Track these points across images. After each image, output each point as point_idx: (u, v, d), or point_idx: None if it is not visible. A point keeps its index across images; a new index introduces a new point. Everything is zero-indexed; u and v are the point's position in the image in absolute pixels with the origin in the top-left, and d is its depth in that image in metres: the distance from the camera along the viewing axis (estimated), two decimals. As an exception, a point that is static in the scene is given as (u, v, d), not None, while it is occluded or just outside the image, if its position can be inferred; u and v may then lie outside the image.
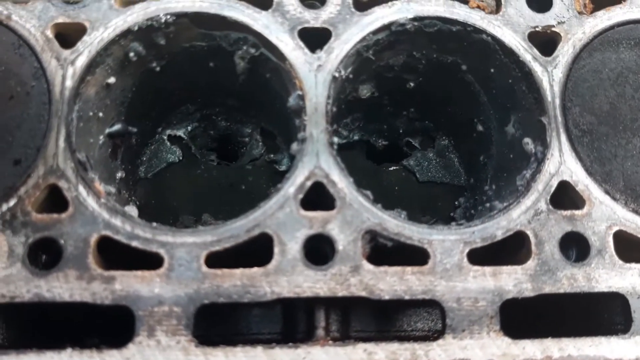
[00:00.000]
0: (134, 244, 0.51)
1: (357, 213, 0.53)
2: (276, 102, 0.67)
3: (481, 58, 0.63)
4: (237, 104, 0.76)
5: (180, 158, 0.77)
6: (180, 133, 0.77)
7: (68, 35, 0.57)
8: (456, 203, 0.77)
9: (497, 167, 0.69)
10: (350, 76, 0.62)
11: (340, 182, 0.55)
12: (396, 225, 0.53)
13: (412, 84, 0.71)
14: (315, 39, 0.59)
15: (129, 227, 0.52)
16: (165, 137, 0.77)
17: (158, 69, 0.63)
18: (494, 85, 0.65)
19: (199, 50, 0.63)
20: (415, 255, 0.53)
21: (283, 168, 0.77)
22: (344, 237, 0.53)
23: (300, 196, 0.54)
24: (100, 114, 0.60)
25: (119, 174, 0.67)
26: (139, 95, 0.65)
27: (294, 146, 0.61)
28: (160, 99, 0.70)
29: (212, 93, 0.73)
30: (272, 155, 0.78)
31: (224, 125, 0.79)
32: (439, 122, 0.78)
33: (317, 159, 0.55)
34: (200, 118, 0.78)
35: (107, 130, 0.62)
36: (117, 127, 0.64)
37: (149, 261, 0.51)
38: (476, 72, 0.65)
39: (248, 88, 0.69)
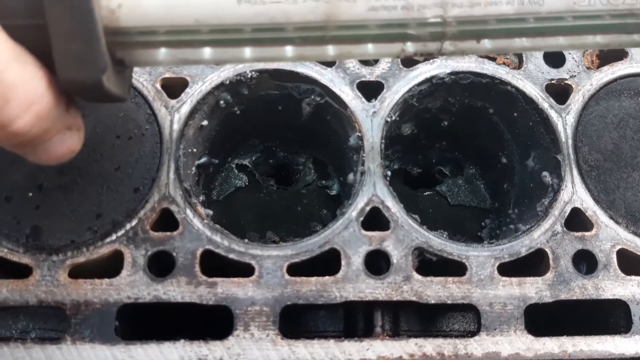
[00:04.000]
0: (231, 256, 0.64)
1: (407, 233, 0.66)
2: (332, 138, 0.80)
3: (506, 104, 0.75)
4: (295, 138, 0.89)
5: (246, 183, 0.90)
6: (246, 162, 0.91)
7: (173, 88, 0.70)
8: (482, 224, 0.89)
9: (519, 194, 0.81)
10: (397, 119, 0.75)
11: (393, 207, 0.67)
12: (439, 243, 0.66)
13: (446, 123, 0.83)
14: (370, 90, 0.72)
15: (227, 243, 0.64)
16: (233, 166, 0.90)
17: (238, 112, 0.76)
18: (516, 126, 0.77)
19: (272, 96, 0.76)
20: (455, 268, 0.65)
21: (334, 193, 0.90)
22: (397, 253, 0.65)
23: (361, 219, 0.66)
24: (195, 150, 0.73)
25: (200, 198, 0.80)
26: (220, 133, 0.78)
27: (350, 176, 0.74)
28: (234, 135, 0.84)
29: (275, 129, 0.87)
30: (323, 182, 0.91)
31: (282, 155, 0.93)
32: (468, 154, 0.91)
33: (374, 189, 0.68)
34: (262, 149, 0.91)
35: (197, 162, 0.75)
36: (204, 159, 0.77)
37: (243, 270, 0.64)
38: (501, 115, 0.78)
39: (307, 126, 0.82)
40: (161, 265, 0.64)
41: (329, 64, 0.72)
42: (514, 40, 0.52)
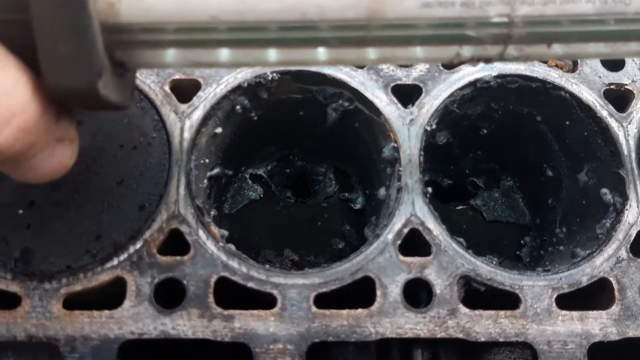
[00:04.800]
0: (250, 284, 0.56)
1: (452, 259, 0.58)
2: (359, 148, 0.72)
3: (557, 111, 0.67)
4: (315, 145, 0.81)
5: (261, 195, 0.82)
6: (261, 172, 0.83)
7: (184, 90, 0.62)
8: (522, 242, 0.81)
9: (567, 211, 0.72)
10: (435, 127, 0.67)
11: (435, 229, 0.59)
12: (489, 271, 0.57)
13: (485, 131, 0.75)
14: (407, 94, 0.64)
15: (245, 269, 0.56)
16: (247, 176, 0.82)
17: (255, 118, 0.68)
18: (567, 135, 0.69)
19: (293, 101, 0.68)
20: (507, 300, 0.57)
21: (358, 207, 0.82)
22: (440, 282, 0.57)
23: (399, 242, 0.58)
24: (207, 160, 0.64)
25: (212, 212, 0.71)
26: (234, 140, 0.70)
27: (382, 191, 0.66)
28: (250, 143, 0.75)
29: (294, 136, 0.78)
30: (346, 194, 0.83)
31: (300, 164, 0.84)
32: (505, 165, 0.83)
33: (413, 207, 0.60)
34: (279, 158, 0.83)
35: (209, 174, 0.67)
36: (216, 170, 0.68)
37: (263, 301, 0.56)
38: (550, 123, 0.70)
39: (331, 134, 0.73)
40: (169, 295, 0.55)
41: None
42: (589, 45, 0.44)
